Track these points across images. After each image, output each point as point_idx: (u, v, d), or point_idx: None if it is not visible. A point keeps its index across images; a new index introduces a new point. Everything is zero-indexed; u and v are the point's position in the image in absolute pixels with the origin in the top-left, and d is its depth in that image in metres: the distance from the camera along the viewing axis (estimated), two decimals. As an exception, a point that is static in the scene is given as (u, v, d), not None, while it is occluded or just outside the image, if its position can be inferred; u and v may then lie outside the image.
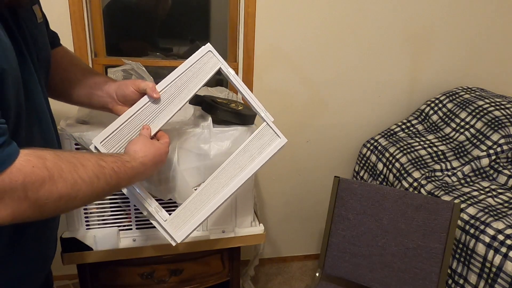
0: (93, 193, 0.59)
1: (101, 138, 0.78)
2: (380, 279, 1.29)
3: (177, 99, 0.82)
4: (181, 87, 0.83)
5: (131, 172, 0.67)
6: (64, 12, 1.42)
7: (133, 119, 0.80)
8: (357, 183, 1.33)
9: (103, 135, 0.79)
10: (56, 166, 0.53)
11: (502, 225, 1.17)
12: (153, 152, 0.73)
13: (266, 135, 0.85)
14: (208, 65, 0.85)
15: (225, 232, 1.09)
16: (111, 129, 0.79)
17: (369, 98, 1.84)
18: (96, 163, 0.60)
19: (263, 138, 0.85)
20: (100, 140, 0.78)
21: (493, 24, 1.86)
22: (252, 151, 0.84)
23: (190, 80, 0.84)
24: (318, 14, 1.64)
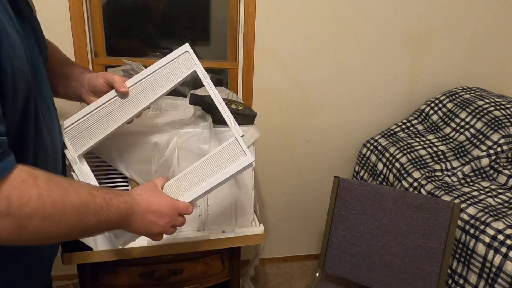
0: (80, 222, 0.55)
1: (67, 123, 0.78)
2: (380, 279, 1.29)
3: (146, 96, 0.80)
4: (153, 85, 0.80)
5: (123, 206, 0.62)
6: (64, 12, 1.42)
7: (99, 111, 0.78)
8: (357, 183, 1.33)
9: (69, 122, 0.78)
10: (47, 185, 0.51)
11: (502, 225, 1.17)
12: (157, 201, 0.68)
13: (233, 150, 0.77)
14: (184, 65, 0.82)
15: (225, 232, 1.09)
16: (75, 118, 0.78)
17: (369, 98, 1.84)
18: (89, 191, 0.57)
19: (229, 152, 0.77)
20: (66, 125, 0.78)
21: (493, 24, 1.86)
22: (216, 164, 0.76)
23: (163, 78, 0.81)
24: (318, 14, 1.64)
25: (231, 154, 0.76)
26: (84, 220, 0.55)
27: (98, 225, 0.59)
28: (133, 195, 0.66)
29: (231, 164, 0.76)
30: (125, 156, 0.92)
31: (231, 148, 0.77)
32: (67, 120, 0.78)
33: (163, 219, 0.68)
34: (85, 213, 0.55)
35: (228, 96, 1.32)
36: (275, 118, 1.77)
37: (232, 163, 0.76)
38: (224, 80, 1.80)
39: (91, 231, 0.61)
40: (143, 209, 0.66)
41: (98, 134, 0.79)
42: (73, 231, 0.55)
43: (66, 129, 0.77)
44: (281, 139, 1.82)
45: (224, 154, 0.77)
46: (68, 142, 0.78)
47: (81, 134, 0.78)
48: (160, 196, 0.70)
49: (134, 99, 0.80)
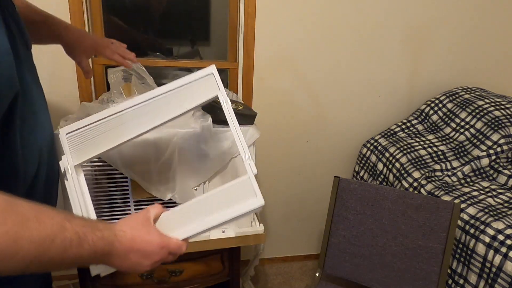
0: (41, 257, 0.48)
1: (68, 129, 0.71)
2: (380, 279, 1.29)
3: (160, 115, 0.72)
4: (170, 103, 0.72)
5: (100, 244, 0.54)
6: (64, 12, 1.42)
7: (107, 121, 0.71)
8: (357, 183, 1.33)
9: (71, 128, 0.71)
10: (1, 214, 0.45)
11: (502, 225, 1.17)
12: (144, 240, 0.60)
13: (244, 188, 0.68)
14: (206, 88, 0.74)
15: (225, 232, 1.09)
16: (81, 124, 0.71)
17: (369, 98, 1.84)
18: (59, 222, 0.50)
19: (239, 189, 0.68)
20: (67, 131, 0.71)
21: (493, 24, 1.86)
22: (223, 200, 0.67)
23: (181, 98, 0.73)
24: (318, 14, 1.64)
25: (240, 192, 0.67)
26: (46, 254, 0.49)
27: (66, 261, 0.51)
28: (115, 230, 0.58)
29: (238, 204, 0.66)
30: (125, 156, 0.92)
31: (242, 186, 0.68)
32: (71, 125, 0.72)
33: (148, 259, 0.60)
34: (47, 248, 0.49)
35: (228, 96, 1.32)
36: (275, 118, 1.77)
37: (240, 202, 0.66)
38: (224, 80, 1.79)
39: (58, 266, 0.52)
40: (125, 248, 0.58)
41: (103, 146, 0.72)
42: (34, 265, 0.49)
43: (68, 135, 0.71)
44: (281, 139, 1.82)
45: (233, 191, 0.68)
46: (67, 149, 0.72)
47: (84, 143, 0.71)
48: (149, 233, 0.61)
49: (148, 115, 0.72)
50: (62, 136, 0.71)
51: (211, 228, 0.66)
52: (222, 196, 0.67)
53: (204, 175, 1.01)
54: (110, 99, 1.08)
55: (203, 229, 0.65)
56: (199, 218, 0.66)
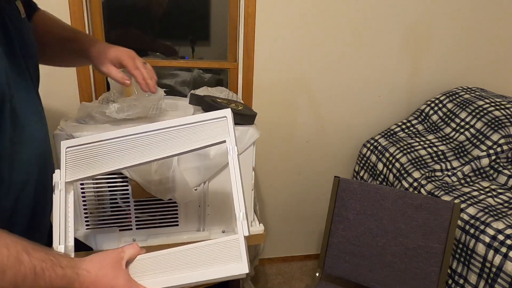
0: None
1: (69, 144, 0.70)
2: (380, 279, 1.29)
3: (166, 148, 0.69)
4: (177, 139, 0.69)
5: (59, 283, 0.51)
6: (64, 12, 1.42)
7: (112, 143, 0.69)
8: (357, 183, 1.33)
9: (73, 142, 0.70)
10: None
11: (502, 225, 1.17)
12: (108, 283, 0.56)
13: (231, 249, 0.62)
14: (216, 131, 0.70)
15: (225, 232, 1.09)
16: (84, 141, 0.70)
17: (369, 98, 1.84)
18: (15, 255, 0.47)
19: (225, 248, 0.62)
20: (68, 145, 0.70)
21: (493, 24, 1.86)
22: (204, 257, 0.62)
23: (189, 136, 0.69)
24: (318, 14, 1.64)
25: (226, 253, 0.62)
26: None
27: None
28: (79, 269, 0.54)
29: (220, 265, 0.61)
30: (125, 156, 0.91)
31: (230, 246, 0.62)
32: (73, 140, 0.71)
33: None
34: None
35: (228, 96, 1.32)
36: (275, 118, 1.77)
37: (223, 264, 0.61)
38: (224, 80, 1.80)
39: None
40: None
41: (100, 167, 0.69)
42: None
43: (68, 149, 0.69)
44: (281, 139, 1.82)
45: (219, 248, 0.62)
46: (64, 164, 0.69)
47: (82, 160, 0.69)
48: (116, 278, 0.57)
49: (153, 146, 0.69)
50: (62, 149, 0.69)
51: (185, 285, 0.62)
52: (206, 251, 0.62)
53: (204, 175, 1.01)
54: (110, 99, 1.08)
55: (176, 284, 0.61)
56: (176, 270, 0.61)
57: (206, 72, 1.80)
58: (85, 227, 0.99)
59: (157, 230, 1.04)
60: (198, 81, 1.79)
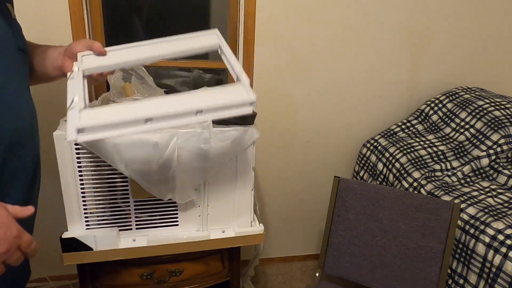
0: None
1: (84, 53, 0.83)
2: (380, 279, 1.29)
3: (166, 48, 0.85)
4: (174, 43, 0.85)
5: None
6: (64, 12, 1.42)
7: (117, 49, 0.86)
8: (357, 183, 1.33)
9: (86, 53, 0.83)
10: None
11: (502, 225, 1.17)
12: None
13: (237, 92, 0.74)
14: (206, 38, 0.86)
15: (225, 232, 1.09)
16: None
17: (369, 98, 1.84)
18: None
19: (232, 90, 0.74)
20: (82, 54, 0.83)
21: (493, 24, 1.86)
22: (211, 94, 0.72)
23: (188, 43, 0.85)
24: (318, 14, 1.64)
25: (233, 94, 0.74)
26: None
27: None
28: None
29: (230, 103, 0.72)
30: (125, 156, 0.92)
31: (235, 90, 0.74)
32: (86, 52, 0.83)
33: None
34: None
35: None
36: (275, 118, 1.77)
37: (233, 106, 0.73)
38: (224, 80, 1.80)
39: None
40: None
41: (111, 62, 0.82)
42: None
43: (83, 56, 0.82)
44: (281, 139, 1.82)
45: (225, 91, 0.75)
46: (80, 59, 0.81)
47: (94, 60, 0.81)
48: None
49: (155, 47, 0.85)
50: (78, 57, 0.82)
51: None
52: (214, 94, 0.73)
53: (204, 175, 1.01)
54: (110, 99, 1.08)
55: None
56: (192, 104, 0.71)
57: (206, 72, 1.80)
58: (85, 227, 0.99)
59: (157, 230, 1.05)
60: (198, 81, 1.79)
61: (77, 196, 0.96)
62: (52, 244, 1.10)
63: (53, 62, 0.85)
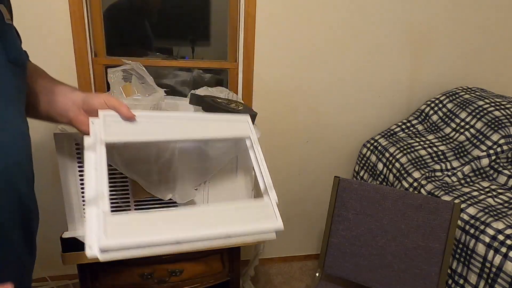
0: None
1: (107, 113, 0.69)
2: (380, 279, 1.29)
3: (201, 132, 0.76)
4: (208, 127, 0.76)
5: None
6: (64, 12, 1.42)
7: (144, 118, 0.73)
8: (357, 183, 1.33)
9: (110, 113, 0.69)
10: None
11: (502, 225, 1.17)
12: None
13: (262, 210, 0.70)
14: (240, 128, 0.82)
15: (225, 232, 1.09)
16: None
17: (369, 98, 1.84)
18: None
19: (257, 210, 0.69)
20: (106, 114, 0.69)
21: (493, 24, 1.86)
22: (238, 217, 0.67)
23: (220, 127, 0.79)
24: (318, 14, 1.64)
25: (258, 213, 0.69)
26: None
27: None
28: None
29: (256, 223, 0.67)
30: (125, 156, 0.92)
31: (260, 207, 0.70)
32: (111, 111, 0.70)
33: None
34: None
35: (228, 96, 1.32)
36: (275, 118, 1.77)
37: (258, 222, 0.67)
38: (224, 80, 1.80)
39: None
40: None
41: (138, 136, 0.72)
42: None
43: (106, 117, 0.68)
44: (281, 139, 1.82)
45: (249, 209, 0.69)
46: (102, 126, 0.68)
47: (119, 129, 0.69)
48: None
49: (187, 128, 0.73)
50: (100, 116, 0.68)
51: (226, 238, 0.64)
52: (238, 211, 0.67)
53: (204, 175, 1.01)
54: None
55: (218, 233, 0.63)
56: (213, 226, 0.63)
57: (206, 72, 1.80)
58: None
59: (157, 230, 1.04)
60: (198, 81, 1.79)
61: (77, 196, 0.96)
62: (52, 244, 1.10)
63: (63, 110, 0.70)
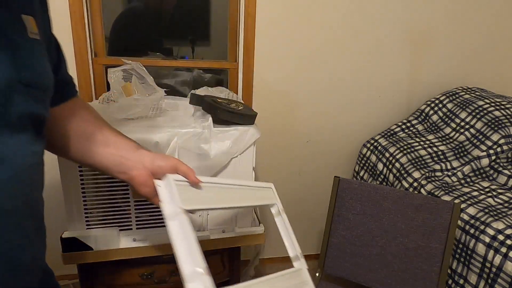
0: None
1: (176, 178, 0.68)
2: (380, 279, 1.29)
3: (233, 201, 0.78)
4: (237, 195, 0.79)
5: None
6: (64, 12, 1.42)
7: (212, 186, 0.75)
8: (357, 183, 1.33)
9: (178, 177, 0.68)
10: None
11: (502, 225, 1.17)
12: None
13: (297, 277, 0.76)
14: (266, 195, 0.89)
15: (225, 232, 1.09)
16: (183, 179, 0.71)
17: (369, 98, 1.84)
18: None
19: (292, 279, 0.74)
20: (175, 179, 0.67)
21: (493, 24, 1.86)
22: None
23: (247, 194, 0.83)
24: (319, 14, 1.64)
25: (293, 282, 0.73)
26: None
27: None
28: None
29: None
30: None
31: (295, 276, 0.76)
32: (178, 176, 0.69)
33: None
34: None
35: (228, 96, 1.32)
36: (275, 118, 1.77)
37: None
38: (224, 80, 1.80)
39: None
40: None
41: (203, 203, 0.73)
42: None
43: (177, 181, 0.68)
44: (281, 139, 1.82)
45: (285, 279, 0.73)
46: (176, 193, 0.65)
47: (186, 191, 0.68)
48: None
49: (228, 193, 0.78)
50: (171, 182, 0.67)
51: None
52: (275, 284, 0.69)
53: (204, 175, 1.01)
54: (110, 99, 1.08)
55: None
56: None
57: (206, 72, 1.80)
58: (85, 227, 0.99)
59: (157, 230, 1.05)
60: (198, 81, 1.79)
61: (78, 196, 0.96)
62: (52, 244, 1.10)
63: (126, 166, 0.67)
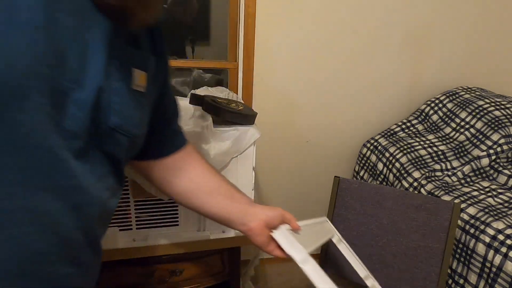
0: None
1: (287, 227, 0.75)
2: (380, 279, 1.29)
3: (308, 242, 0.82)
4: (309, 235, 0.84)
5: None
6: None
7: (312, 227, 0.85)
8: (357, 183, 1.33)
9: (287, 226, 0.76)
10: None
11: (502, 225, 1.17)
12: None
13: None
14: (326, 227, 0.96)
15: (225, 232, 1.09)
16: (302, 223, 0.80)
17: (369, 98, 1.84)
18: None
19: None
20: (286, 228, 0.75)
21: (493, 24, 1.86)
22: None
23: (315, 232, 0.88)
24: (318, 13, 1.64)
25: None
26: None
27: None
28: None
29: None
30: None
31: None
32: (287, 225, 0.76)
33: None
34: None
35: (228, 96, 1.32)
36: (275, 118, 1.77)
37: None
38: (224, 80, 1.80)
39: None
40: None
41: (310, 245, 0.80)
42: None
43: (286, 228, 0.76)
44: (281, 139, 1.82)
45: None
46: (286, 232, 0.74)
47: (295, 236, 0.76)
48: None
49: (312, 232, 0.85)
50: (282, 230, 0.75)
51: None
52: None
53: (204, 175, 1.01)
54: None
55: None
56: None
57: (206, 72, 1.80)
58: (85, 227, 0.99)
59: (157, 230, 1.05)
60: (198, 81, 1.79)
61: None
62: (52, 244, 1.10)
63: (246, 219, 0.72)
